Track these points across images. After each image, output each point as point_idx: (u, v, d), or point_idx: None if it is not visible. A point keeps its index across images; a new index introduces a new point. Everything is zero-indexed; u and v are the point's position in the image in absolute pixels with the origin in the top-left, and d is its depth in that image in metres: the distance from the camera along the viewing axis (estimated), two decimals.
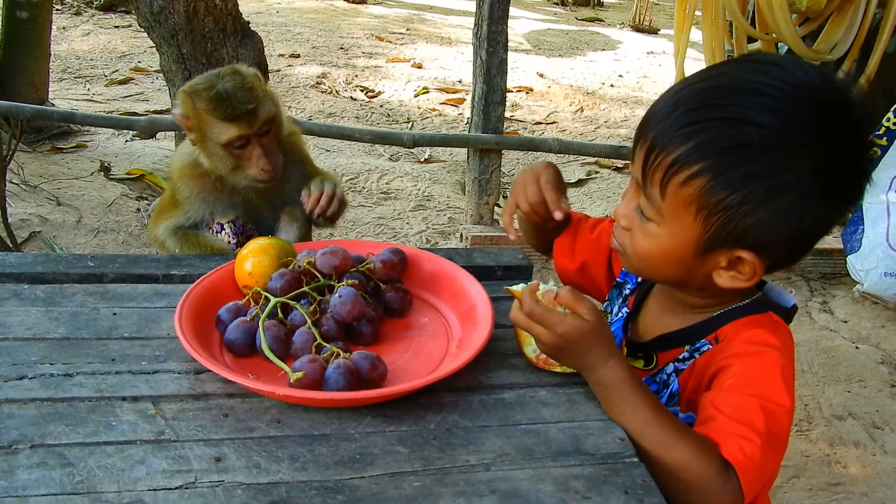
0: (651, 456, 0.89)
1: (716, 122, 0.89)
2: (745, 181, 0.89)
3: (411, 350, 1.06)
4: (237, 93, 1.34)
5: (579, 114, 5.32)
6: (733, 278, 0.96)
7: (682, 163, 0.90)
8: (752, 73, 0.92)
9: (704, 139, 0.89)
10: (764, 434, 0.88)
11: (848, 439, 2.22)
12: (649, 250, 0.98)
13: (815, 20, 2.81)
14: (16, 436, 0.84)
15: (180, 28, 2.73)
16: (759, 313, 1.01)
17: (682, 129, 0.90)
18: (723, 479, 0.87)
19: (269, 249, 1.11)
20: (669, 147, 0.91)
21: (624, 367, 0.94)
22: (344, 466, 0.83)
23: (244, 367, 0.99)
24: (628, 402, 0.92)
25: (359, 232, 3.32)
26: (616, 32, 8.28)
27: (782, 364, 0.94)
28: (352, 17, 7.82)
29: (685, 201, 0.91)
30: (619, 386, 0.93)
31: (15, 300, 1.10)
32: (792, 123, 0.89)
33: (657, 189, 0.93)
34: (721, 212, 0.90)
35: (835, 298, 3.03)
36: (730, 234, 0.91)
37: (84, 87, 4.97)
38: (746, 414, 0.89)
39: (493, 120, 3.13)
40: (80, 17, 6.68)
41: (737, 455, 0.87)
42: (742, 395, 0.91)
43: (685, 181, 0.90)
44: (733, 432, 0.88)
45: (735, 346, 0.97)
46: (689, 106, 0.92)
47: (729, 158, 0.89)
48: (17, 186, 3.22)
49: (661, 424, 0.90)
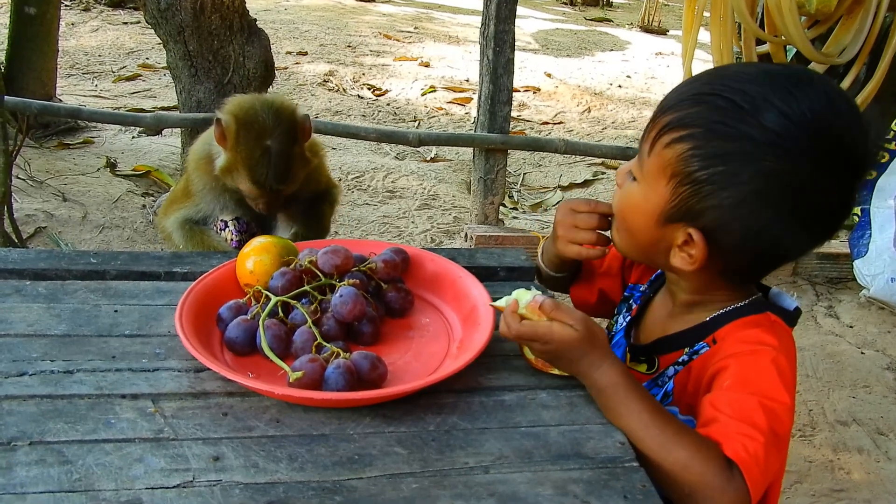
0: (651, 458, 0.88)
1: (726, 103, 0.90)
2: (719, 160, 0.90)
3: (412, 351, 1.06)
4: (276, 166, 1.32)
5: (586, 114, 5.31)
6: (682, 259, 0.97)
7: (675, 124, 0.93)
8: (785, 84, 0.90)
9: (705, 110, 0.91)
10: (766, 432, 0.88)
11: (852, 445, 2.20)
12: (623, 208, 1.02)
13: (825, 23, 2.79)
14: (15, 432, 0.84)
15: (187, 25, 2.74)
16: (757, 314, 1.01)
17: (692, 96, 0.93)
18: (726, 477, 0.85)
19: (270, 248, 1.11)
20: (673, 109, 0.94)
21: (619, 370, 0.94)
22: (342, 467, 0.83)
23: (244, 365, 0.99)
24: (625, 406, 0.92)
25: (364, 230, 3.32)
26: (625, 33, 8.26)
27: (779, 362, 0.93)
28: (360, 15, 7.82)
29: (664, 163, 0.94)
30: (614, 389, 0.93)
31: (17, 296, 1.10)
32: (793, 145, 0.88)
33: (647, 145, 0.97)
34: (689, 184, 0.92)
35: (841, 303, 3.01)
36: (690, 209, 0.93)
37: (92, 83, 4.99)
38: (747, 412, 0.89)
39: (499, 119, 3.13)
40: (88, 13, 6.70)
41: (740, 453, 0.86)
42: (741, 394, 0.91)
43: (670, 143, 0.93)
44: (735, 431, 0.88)
45: (731, 347, 0.97)
46: (708, 80, 0.94)
47: (717, 135, 0.90)
48: (23, 182, 3.24)
49: (659, 426, 0.90)
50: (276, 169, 1.32)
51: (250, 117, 1.33)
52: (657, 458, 0.88)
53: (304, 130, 1.36)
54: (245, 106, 1.35)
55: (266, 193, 1.35)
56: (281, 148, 1.32)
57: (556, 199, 3.92)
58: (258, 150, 1.31)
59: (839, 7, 2.69)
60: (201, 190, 1.45)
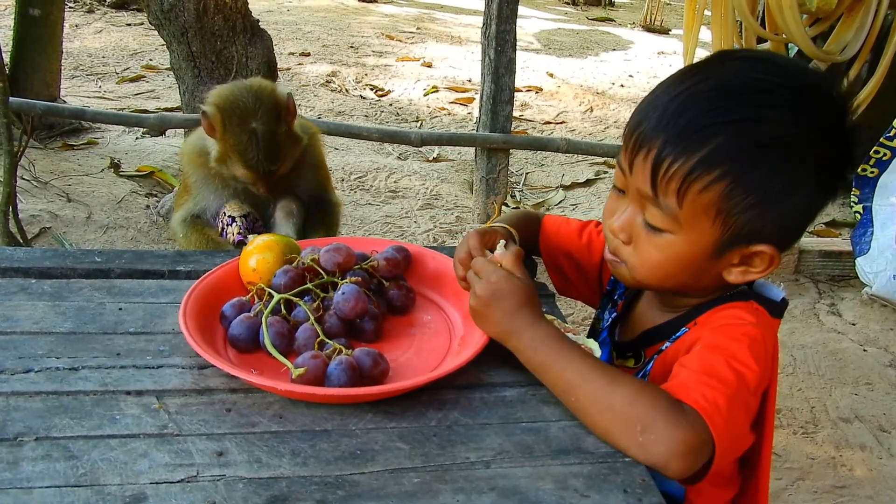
0: (595, 404, 0.87)
1: (729, 125, 0.89)
2: (765, 180, 0.89)
3: (413, 347, 1.06)
4: (265, 147, 1.34)
5: (589, 114, 5.31)
6: (744, 273, 0.96)
7: (700, 170, 0.88)
8: (748, 71, 0.93)
9: (720, 143, 0.88)
10: (731, 385, 0.86)
11: (854, 442, 2.21)
12: (662, 261, 0.96)
13: (826, 21, 2.80)
14: (21, 428, 0.85)
15: (190, 26, 2.75)
16: (740, 301, 1.01)
17: (693, 135, 0.89)
18: (677, 412, 0.83)
19: (273, 246, 1.12)
20: (684, 155, 0.89)
21: (552, 328, 0.94)
22: (344, 462, 0.84)
23: (247, 362, 1.00)
24: (563, 358, 0.91)
25: (366, 230, 3.33)
26: (627, 32, 8.26)
27: (753, 335, 0.93)
28: (362, 16, 7.83)
29: (704, 207, 0.90)
30: (551, 342, 0.92)
31: (23, 294, 1.11)
32: (799, 118, 0.90)
33: (673, 199, 0.91)
34: (741, 212, 0.90)
35: (843, 301, 3.01)
36: (748, 233, 0.92)
37: (95, 84, 5.01)
38: (711, 367, 0.88)
39: (501, 119, 3.13)
40: (92, 14, 6.73)
41: (698, 400, 0.84)
42: (710, 353, 0.90)
43: (704, 188, 0.89)
44: (696, 381, 0.86)
45: (711, 322, 0.98)
46: (697, 111, 0.90)
47: (747, 160, 0.88)
48: (28, 182, 3.25)
49: (599, 371, 0.89)
50: (265, 150, 1.34)
51: (232, 104, 1.35)
52: (601, 401, 0.86)
53: (289, 109, 1.38)
54: (226, 94, 1.37)
55: (261, 175, 1.36)
56: (266, 128, 1.34)
57: (558, 198, 3.93)
58: (245, 135, 1.33)
59: (840, 5, 2.69)
60: (195, 182, 1.48)
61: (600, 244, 1.24)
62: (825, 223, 3.67)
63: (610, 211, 1.02)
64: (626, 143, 0.96)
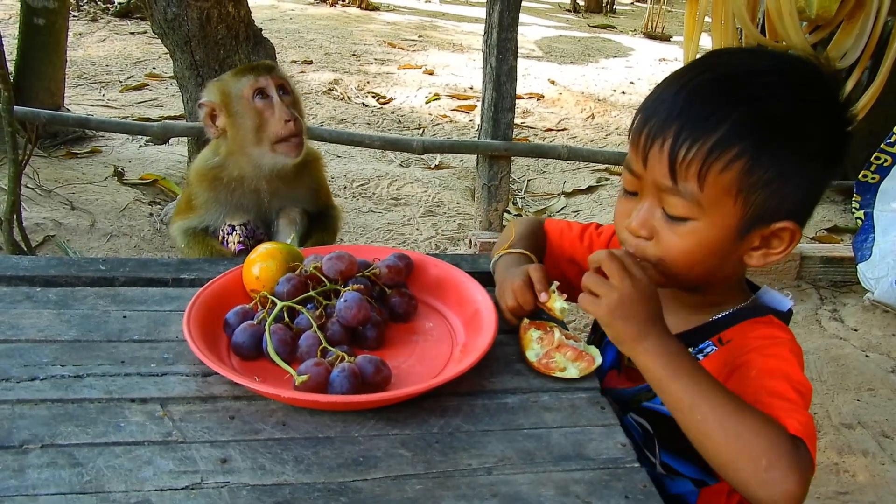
0: (724, 429, 0.85)
1: (739, 105, 0.92)
2: (779, 155, 0.92)
3: (415, 354, 1.07)
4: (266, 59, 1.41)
5: (590, 120, 5.32)
6: (765, 255, 0.98)
7: (719, 150, 0.90)
8: (745, 60, 0.99)
9: (736, 121, 0.91)
10: (806, 407, 0.89)
11: (857, 448, 2.21)
12: (688, 248, 0.96)
13: (826, 27, 2.80)
14: (27, 436, 0.85)
15: (193, 35, 2.76)
16: (761, 316, 1.03)
17: (706, 119, 0.91)
18: (794, 444, 0.83)
19: (276, 254, 1.13)
20: (701, 138, 0.91)
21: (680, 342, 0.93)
22: (347, 469, 0.85)
23: (251, 369, 1.01)
24: (693, 373, 0.89)
25: (368, 237, 3.34)
26: (628, 39, 8.28)
27: (796, 352, 0.97)
28: (364, 24, 7.86)
29: (726, 186, 0.92)
30: (682, 355, 0.91)
31: (28, 302, 1.12)
32: (798, 96, 0.94)
33: (693, 182, 0.92)
34: (761, 188, 0.92)
35: (845, 306, 3.01)
36: (767, 210, 0.94)
37: (99, 92, 5.03)
38: (784, 393, 0.90)
39: (502, 126, 3.14)
40: (96, 23, 6.76)
41: (797, 426, 0.85)
42: (773, 380, 0.92)
43: (724, 167, 0.91)
44: (782, 408, 0.87)
45: (749, 344, 0.99)
46: (705, 98, 0.93)
47: (761, 136, 0.91)
48: (32, 191, 3.27)
49: (728, 396, 0.87)
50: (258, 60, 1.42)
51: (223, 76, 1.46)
52: (730, 426, 0.85)
53: None
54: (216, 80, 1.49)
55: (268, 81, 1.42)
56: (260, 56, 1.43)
57: (560, 205, 3.94)
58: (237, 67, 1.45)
59: (840, 12, 2.70)
60: (204, 202, 1.50)
61: (601, 245, 1.26)
62: (827, 229, 3.68)
63: (623, 214, 1.02)
64: (636, 140, 0.98)
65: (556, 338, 1.06)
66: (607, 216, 3.75)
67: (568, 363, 1.03)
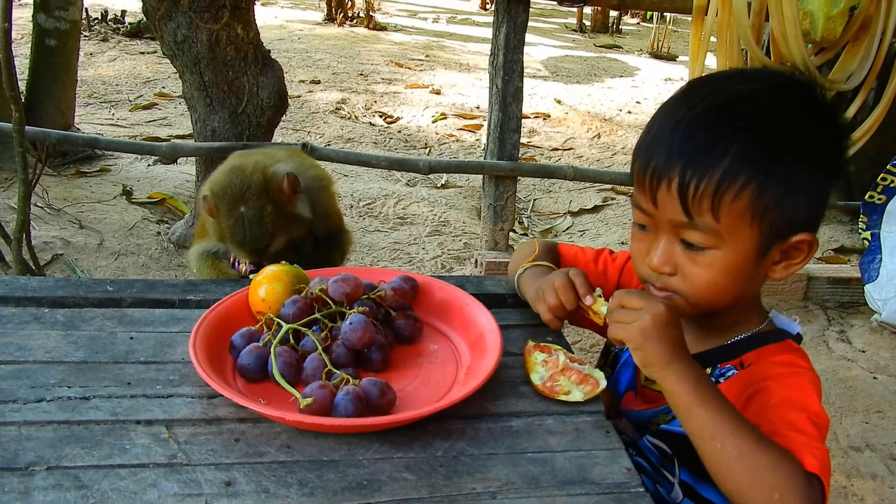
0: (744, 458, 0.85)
1: (739, 133, 0.93)
2: (785, 173, 0.93)
3: (420, 377, 1.07)
4: (253, 230, 1.40)
5: (596, 140, 5.34)
6: (786, 267, 1.00)
7: (728, 181, 0.92)
8: (734, 85, 1.00)
9: (738, 150, 0.92)
10: (822, 441, 0.90)
11: (865, 471, 2.19)
12: (714, 277, 0.97)
13: (831, 49, 2.81)
14: (33, 457, 0.86)
15: (203, 56, 2.79)
16: (780, 341, 1.05)
17: (709, 151, 0.92)
18: (809, 483, 0.85)
19: (282, 276, 1.13)
20: (708, 173, 0.92)
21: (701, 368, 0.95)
22: (351, 492, 0.84)
23: (256, 392, 1.01)
24: (716, 402, 0.90)
25: (375, 257, 3.35)
26: (634, 59, 8.32)
27: (816, 383, 0.97)
28: (372, 44, 7.93)
29: (740, 214, 0.93)
30: (706, 384, 0.91)
31: (35, 323, 1.13)
32: (792, 110, 0.97)
33: (709, 216, 0.93)
34: (774, 207, 0.94)
35: (852, 328, 3.00)
36: (783, 225, 0.95)
37: (109, 111, 5.08)
38: (802, 426, 0.90)
39: (508, 147, 3.16)
40: (106, 43, 6.84)
41: (814, 462, 0.86)
42: (791, 412, 0.92)
43: (736, 196, 0.92)
44: (801, 442, 0.88)
45: (769, 370, 1.00)
46: (704, 130, 0.94)
47: (766, 159, 0.93)
48: (41, 209, 3.29)
49: (749, 428, 0.88)
50: (252, 232, 1.40)
51: (223, 189, 1.42)
52: (748, 457, 0.85)
53: (282, 189, 1.40)
54: (219, 179, 1.45)
55: (251, 255, 1.41)
56: (254, 212, 1.39)
57: (566, 224, 3.94)
58: (232, 218, 1.39)
59: (845, 33, 2.71)
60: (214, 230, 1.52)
61: (615, 270, 1.28)
62: (834, 249, 3.67)
63: (641, 251, 1.03)
64: (641, 182, 0.99)
65: (561, 361, 1.06)
66: (614, 236, 3.75)
67: (573, 386, 1.03)
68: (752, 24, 2.62)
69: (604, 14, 10.25)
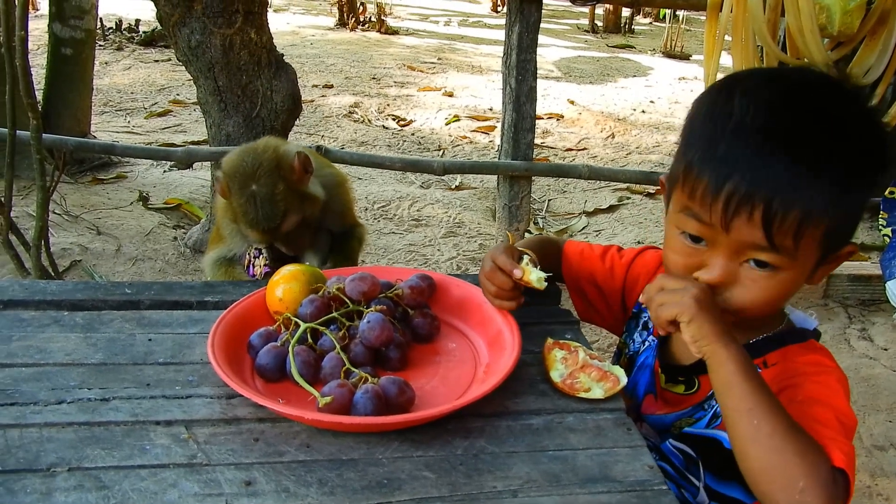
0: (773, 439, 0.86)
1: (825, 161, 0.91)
2: (857, 196, 0.95)
3: (439, 375, 1.07)
4: (265, 208, 1.39)
5: (610, 140, 5.32)
6: (824, 271, 1.00)
7: (815, 213, 0.90)
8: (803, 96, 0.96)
9: (823, 182, 0.91)
10: (850, 439, 0.90)
11: (890, 470, 2.16)
12: (776, 294, 0.96)
13: (848, 44, 2.78)
14: (54, 459, 0.86)
15: (217, 62, 2.81)
16: (803, 341, 1.04)
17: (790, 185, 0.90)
18: (834, 475, 0.85)
19: (299, 276, 1.13)
20: (795, 203, 0.90)
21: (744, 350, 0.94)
22: (371, 491, 0.84)
23: (275, 391, 1.01)
24: (757, 380, 0.90)
25: (390, 258, 3.35)
26: (647, 59, 8.29)
27: (844, 383, 0.98)
28: (384, 48, 7.95)
29: (815, 241, 0.93)
30: (749, 362, 0.92)
31: (55, 326, 1.13)
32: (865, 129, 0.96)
33: (790, 241, 0.92)
34: (839, 226, 0.94)
35: (874, 325, 2.96)
36: (840, 240, 0.97)
37: (125, 119, 5.12)
38: (830, 423, 0.90)
39: (522, 147, 3.15)
40: (121, 52, 6.90)
41: (841, 457, 0.86)
42: (818, 408, 0.92)
43: (818, 225, 0.92)
44: (829, 437, 0.88)
45: (797, 368, 1.00)
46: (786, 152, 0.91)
47: (846, 187, 0.93)
48: (59, 216, 3.32)
49: (784, 413, 0.88)
50: (264, 210, 1.39)
51: (235, 168, 1.42)
52: (779, 438, 0.85)
53: (294, 168, 1.40)
54: (232, 159, 1.44)
55: (263, 234, 1.40)
56: (265, 190, 1.38)
57: (581, 224, 3.92)
58: (244, 197, 1.39)
59: (862, 28, 2.68)
60: (230, 234, 1.53)
61: (622, 268, 1.26)
62: None
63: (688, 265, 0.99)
64: (708, 200, 0.93)
65: (581, 358, 1.05)
66: (629, 235, 3.73)
67: (593, 383, 1.02)
68: (768, 20, 2.60)
69: (616, 14, 10.22)
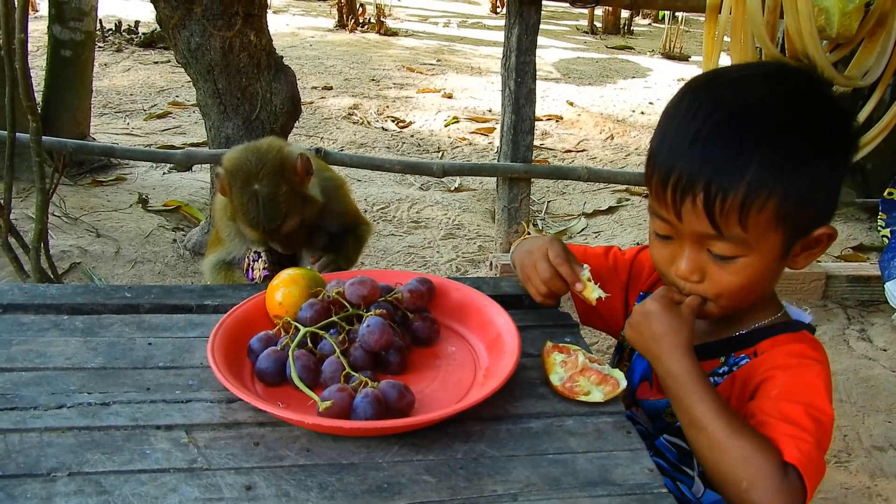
0: (714, 447, 0.91)
1: (758, 146, 0.93)
2: (804, 178, 0.94)
3: (439, 379, 1.07)
4: (265, 207, 1.39)
5: (609, 141, 5.32)
6: (807, 257, 1.02)
7: (753, 194, 0.93)
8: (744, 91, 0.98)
9: (759, 162, 0.92)
10: (815, 435, 0.91)
11: (889, 471, 2.16)
12: (743, 282, 1.00)
13: (847, 46, 2.79)
14: (54, 463, 0.86)
15: (216, 64, 2.81)
16: (795, 332, 1.06)
17: (731, 168, 0.93)
18: (783, 473, 0.87)
19: (299, 280, 1.13)
20: (732, 188, 0.93)
21: (693, 361, 0.97)
22: (372, 495, 0.84)
23: (275, 395, 1.01)
24: (696, 393, 0.95)
25: (389, 261, 3.35)
26: (646, 60, 8.29)
27: (825, 376, 0.98)
28: (383, 49, 7.95)
29: (766, 222, 0.95)
30: (689, 377, 0.96)
31: (55, 330, 1.13)
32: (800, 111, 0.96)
33: (737, 228, 0.95)
34: (797, 209, 0.95)
35: (873, 326, 2.97)
36: (805, 224, 0.97)
37: (124, 121, 5.12)
38: (796, 419, 0.92)
39: (521, 149, 3.15)
40: (120, 53, 6.90)
41: (794, 454, 0.88)
42: (790, 403, 0.94)
43: (762, 207, 0.93)
44: (786, 433, 0.90)
45: (777, 359, 1.01)
46: (724, 142, 0.94)
47: (786, 170, 0.93)
48: (58, 219, 3.32)
49: (726, 417, 0.92)
50: (266, 210, 1.38)
51: (237, 166, 1.41)
52: (721, 446, 0.91)
53: (296, 169, 1.40)
54: (233, 157, 1.44)
55: (264, 234, 1.40)
56: (268, 190, 1.38)
57: (580, 226, 3.93)
58: (246, 196, 1.38)
59: (860, 30, 2.69)
60: (228, 236, 1.52)
61: (625, 263, 1.29)
62: (852, 247, 3.63)
63: (666, 259, 1.04)
64: (661, 194, 0.99)
65: (580, 361, 1.05)
66: (629, 237, 3.73)
67: (592, 387, 1.02)
68: (767, 22, 2.60)
69: (615, 15, 10.22)
